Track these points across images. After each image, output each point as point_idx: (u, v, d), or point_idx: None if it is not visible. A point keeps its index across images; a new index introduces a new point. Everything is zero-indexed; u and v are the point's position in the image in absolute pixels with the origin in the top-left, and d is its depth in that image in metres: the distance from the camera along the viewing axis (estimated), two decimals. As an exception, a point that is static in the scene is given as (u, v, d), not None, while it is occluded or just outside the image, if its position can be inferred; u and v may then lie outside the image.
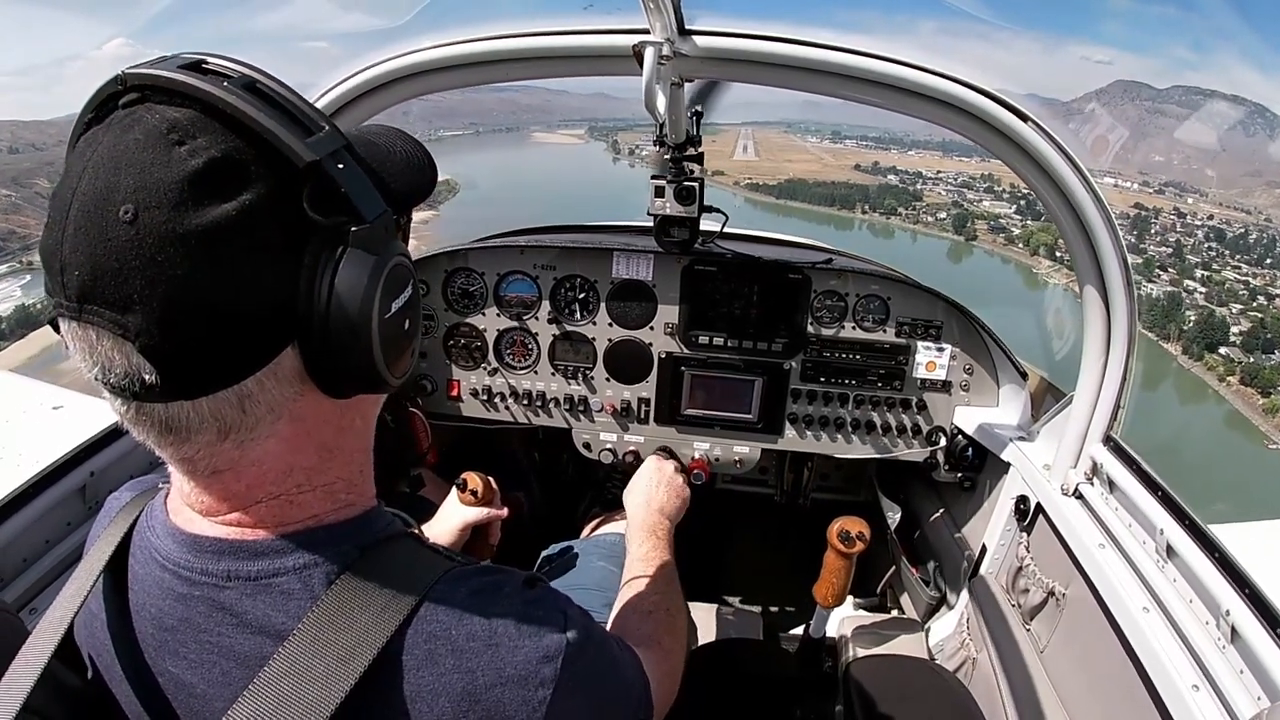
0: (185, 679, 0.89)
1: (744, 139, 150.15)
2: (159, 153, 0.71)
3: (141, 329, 0.71)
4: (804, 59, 1.83)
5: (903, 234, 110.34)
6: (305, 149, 0.75)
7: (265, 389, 0.80)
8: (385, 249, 0.82)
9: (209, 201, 0.71)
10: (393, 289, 0.84)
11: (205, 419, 0.78)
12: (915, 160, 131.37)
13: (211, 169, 0.71)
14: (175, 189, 0.70)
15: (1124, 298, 1.95)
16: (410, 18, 2.13)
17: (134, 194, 0.70)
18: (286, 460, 0.86)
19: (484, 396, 2.88)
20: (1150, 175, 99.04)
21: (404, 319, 0.88)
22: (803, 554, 2.76)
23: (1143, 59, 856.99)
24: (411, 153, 0.98)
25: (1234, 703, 1.43)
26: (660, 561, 1.83)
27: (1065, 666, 2.06)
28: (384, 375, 0.85)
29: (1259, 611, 1.47)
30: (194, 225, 0.70)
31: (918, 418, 2.77)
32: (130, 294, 0.70)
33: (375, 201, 0.82)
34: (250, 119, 0.73)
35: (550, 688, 0.89)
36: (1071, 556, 2.03)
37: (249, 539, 0.87)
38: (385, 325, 0.82)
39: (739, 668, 2.37)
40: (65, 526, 1.87)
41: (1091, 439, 2.11)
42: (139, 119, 0.73)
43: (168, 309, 0.71)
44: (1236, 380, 57.82)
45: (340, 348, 0.79)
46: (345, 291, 0.78)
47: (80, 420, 2.02)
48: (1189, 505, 1.78)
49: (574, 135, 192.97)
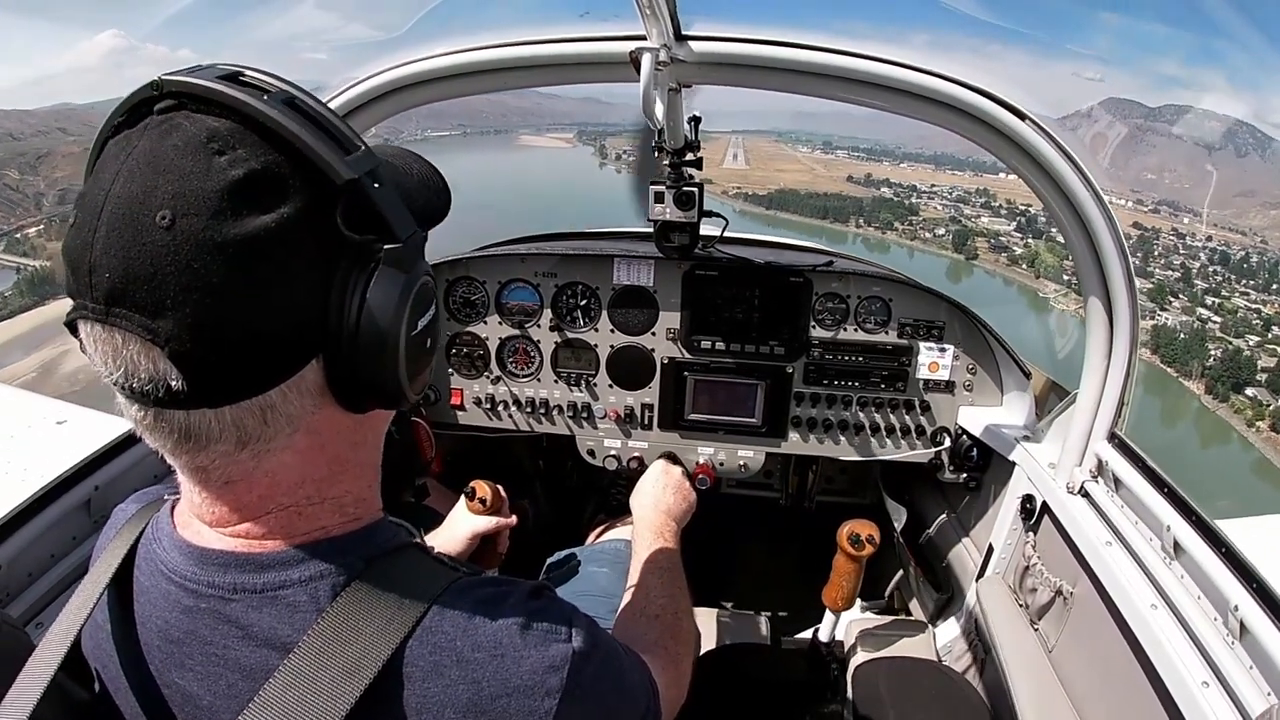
0: (191, 691, 0.89)
1: (734, 147, 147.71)
2: (199, 161, 0.72)
3: (172, 335, 0.71)
4: (801, 62, 1.83)
5: (899, 249, 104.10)
6: (345, 167, 0.76)
7: (288, 401, 0.80)
8: (414, 268, 0.83)
9: (247, 212, 0.72)
10: (420, 307, 0.85)
11: (226, 428, 0.79)
12: (908, 173, 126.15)
13: (251, 180, 0.72)
14: (215, 197, 0.71)
15: (1125, 293, 1.95)
16: (407, 29, 2.14)
17: (172, 200, 0.70)
18: (299, 472, 0.87)
19: (487, 405, 2.88)
20: (1143, 193, 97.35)
21: (427, 337, 0.90)
22: (808, 557, 2.76)
23: (1133, 76, 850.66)
24: (427, 174, 1.00)
25: (1244, 699, 1.43)
26: (667, 564, 1.82)
27: (1074, 666, 2.05)
28: (405, 391, 0.86)
29: (1268, 607, 1.46)
30: (232, 235, 0.71)
31: (921, 419, 2.76)
32: (163, 299, 0.70)
33: (407, 221, 0.83)
34: (291, 134, 0.75)
35: (557, 698, 0.89)
36: (1078, 555, 2.03)
37: (256, 551, 0.87)
38: (411, 342, 0.84)
39: (745, 673, 2.36)
40: (70, 541, 1.86)
41: (1096, 436, 2.10)
42: (177, 126, 0.74)
43: (200, 316, 0.71)
44: (1267, 426, 51.56)
45: (366, 363, 0.81)
46: (376, 308, 0.79)
47: (84, 435, 2.02)
48: (1195, 501, 1.78)
49: (562, 139, 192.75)
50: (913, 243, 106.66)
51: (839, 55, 1.82)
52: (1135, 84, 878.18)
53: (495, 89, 2.03)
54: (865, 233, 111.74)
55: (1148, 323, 32.87)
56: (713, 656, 2.53)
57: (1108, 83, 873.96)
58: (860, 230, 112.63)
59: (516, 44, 1.89)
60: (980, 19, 49.92)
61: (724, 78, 1.90)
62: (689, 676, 1.46)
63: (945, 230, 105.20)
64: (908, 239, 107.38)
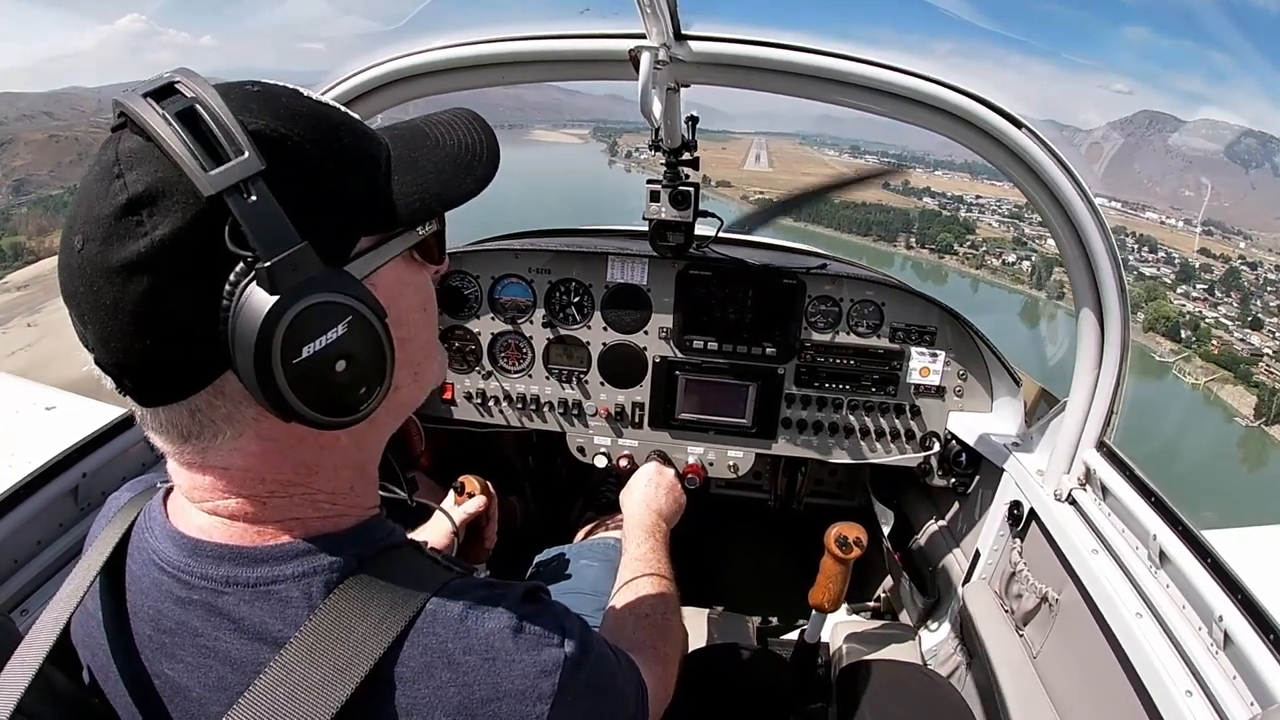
0: (181, 682, 0.89)
1: (756, 148, 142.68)
2: (102, 184, 0.74)
3: (93, 344, 0.78)
4: (800, 65, 1.83)
5: (958, 279, 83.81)
6: (206, 180, 0.71)
7: (215, 406, 0.81)
8: (293, 290, 0.74)
9: (129, 234, 0.72)
10: (304, 334, 0.75)
11: (163, 424, 0.83)
12: (945, 181, 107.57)
13: (133, 203, 0.72)
14: (107, 222, 0.73)
15: (1117, 303, 1.96)
16: (406, 21, 2.14)
17: (83, 225, 0.75)
18: (257, 473, 0.87)
19: (478, 400, 2.88)
20: (1184, 211, 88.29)
21: (335, 360, 0.78)
22: (796, 559, 2.76)
23: (1161, 93, 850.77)
24: (467, 146, 0.94)
25: (1227, 708, 1.44)
26: (657, 563, 1.82)
27: (1058, 672, 2.06)
28: (310, 417, 0.78)
29: (1252, 617, 1.47)
30: (116, 259, 0.73)
31: (911, 423, 2.77)
32: (83, 314, 0.77)
33: (284, 236, 0.74)
34: (167, 147, 0.72)
35: (548, 703, 0.88)
36: (1064, 562, 2.04)
37: (249, 544, 0.87)
38: (298, 369, 0.75)
39: (732, 673, 2.36)
40: (58, 528, 1.86)
41: (1085, 445, 2.11)
42: (105, 149, 0.76)
43: (103, 333, 0.76)
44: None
45: (253, 386, 0.75)
46: (242, 333, 0.73)
47: (73, 421, 2.01)
48: (1182, 511, 1.79)
49: (576, 135, 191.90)
50: (978, 271, 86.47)
51: (838, 59, 1.82)
52: (1163, 101, 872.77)
53: (493, 84, 2.02)
54: (917, 256, 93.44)
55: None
56: (699, 656, 2.53)
57: (1137, 95, 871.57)
58: (910, 253, 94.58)
59: (515, 39, 1.89)
60: (996, 31, 49.52)
61: (723, 78, 1.90)
62: (675, 675, 1.46)
63: (1016, 257, 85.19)
64: (972, 266, 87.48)
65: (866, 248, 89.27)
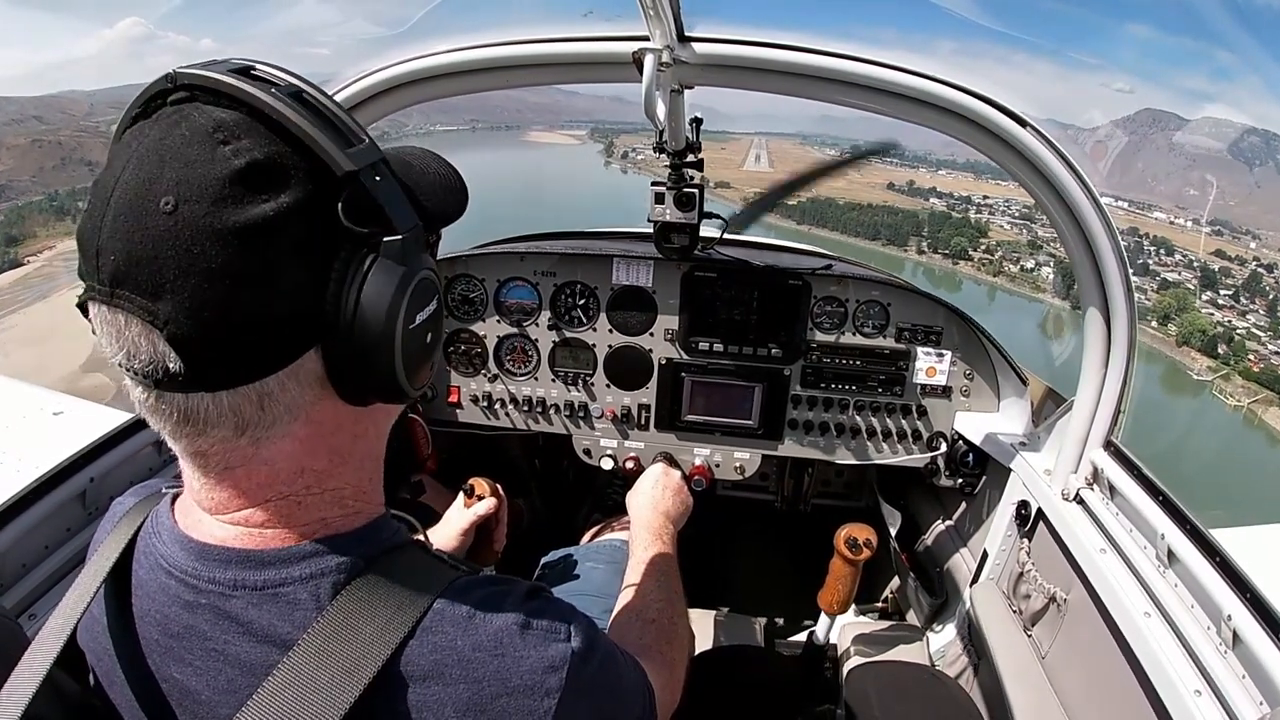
0: (190, 685, 0.89)
1: (756, 148, 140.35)
2: (204, 149, 0.73)
3: (170, 317, 0.73)
4: (804, 66, 1.83)
5: (973, 286, 79.00)
6: (345, 159, 0.77)
7: (286, 389, 0.81)
8: (414, 261, 0.84)
9: (248, 200, 0.73)
10: (419, 301, 0.86)
11: (224, 413, 0.80)
12: (950, 181, 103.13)
13: (253, 169, 0.74)
14: (217, 184, 0.72)
15: (1124, 301, 1.95)
16: (411, 25, 2.14)
17: (176, 186, 0.72)
18: (298, 461, 0.87)
19: (484, 403, 2.88)
20: (1191, 211, 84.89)
21: (427, 332, 0.90)
22: (803, 560, 2.76)
23: (1164, 91, 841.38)
24: (446, 175, 1.01)
25: (1236, 708, 1.43)
26: (664, 565, 1.82)
27: (1067, 672, 2.06)
28: (404, 386, 0.86)
29: (1260, 616, 1.47)
30: (231, 221, 0.72)
31: (918, 423, 2.77)
32: (163, 282, 0.72)
33: (408, 214, 0.84)
34: (295, 126, 0.77)
35: (555, 697, 0.89)
36: (1072, 562, 2.03)
37: (256, 547, 0.87)
38: (409, 336, 0.84)
39: (740, 675, 2.36)
40: (65, 532, 1.86)
41: (1092, 444, 2.11)
42: (186, 116, 0.76)
43: (197, 300, 0.73)
44: None
45: (363, 355, 0.82)
46: (372, 299, 0.80)
47: (80, 426, 2.02)
48: (1190, 510, 1.78)
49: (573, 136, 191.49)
50: (995, 279, 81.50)
51: (842, 59, 1.82)
52: (1165, 98, 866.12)
53: (497, 87, 2.03)
54: (929, 261, 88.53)
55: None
56: (707, 658, 2.53)
57: (1138, 94, 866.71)
58: (922, 258, 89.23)
59: (519, 42, 1.89)
60: (999, 29, 48.84)
61: (726, 80, 1.90)
62: (683, 678, 1.46)
63: (1035, 263, 79.84)
64: (989, 273, 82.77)
65: (876, 253, 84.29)
